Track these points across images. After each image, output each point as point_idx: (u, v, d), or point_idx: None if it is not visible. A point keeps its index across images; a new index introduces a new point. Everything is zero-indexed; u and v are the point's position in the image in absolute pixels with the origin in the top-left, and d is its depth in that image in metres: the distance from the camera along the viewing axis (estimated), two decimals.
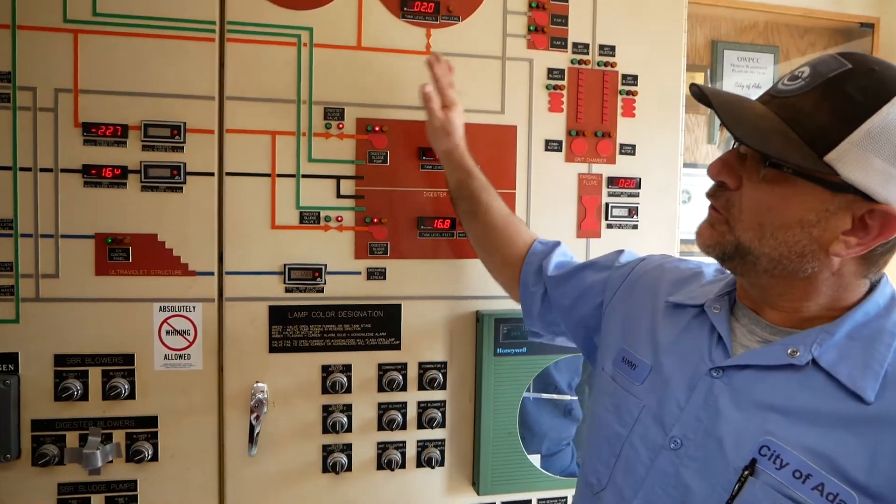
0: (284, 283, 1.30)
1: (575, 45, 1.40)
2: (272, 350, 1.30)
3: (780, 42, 1.94)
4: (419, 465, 1.38)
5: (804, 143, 0.73)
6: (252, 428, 1.26)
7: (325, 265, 1.31)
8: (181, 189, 1.25)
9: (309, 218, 1.30)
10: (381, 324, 1.35)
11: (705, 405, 0.83)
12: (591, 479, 0.96)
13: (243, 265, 1.28)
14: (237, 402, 1.29)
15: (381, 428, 1.35)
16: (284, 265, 1.30)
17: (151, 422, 1.26)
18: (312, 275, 1.31)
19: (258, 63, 1.27)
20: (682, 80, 1.46)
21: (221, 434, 1.29)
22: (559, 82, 1.39)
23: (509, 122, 1.38)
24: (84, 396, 1.24)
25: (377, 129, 1.32)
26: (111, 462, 1.24)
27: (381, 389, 1.35)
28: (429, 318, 1.37)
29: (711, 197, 0.85)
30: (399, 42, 1.32)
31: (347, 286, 1.33)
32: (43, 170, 1.20)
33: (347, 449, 1.34)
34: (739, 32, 1.92)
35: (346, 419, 1.33)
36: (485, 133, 1.36)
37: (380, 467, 1.36)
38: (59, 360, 1.23)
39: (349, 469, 1.34)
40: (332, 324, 1.33)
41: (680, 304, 0.95)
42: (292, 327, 1.31)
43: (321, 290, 1.32)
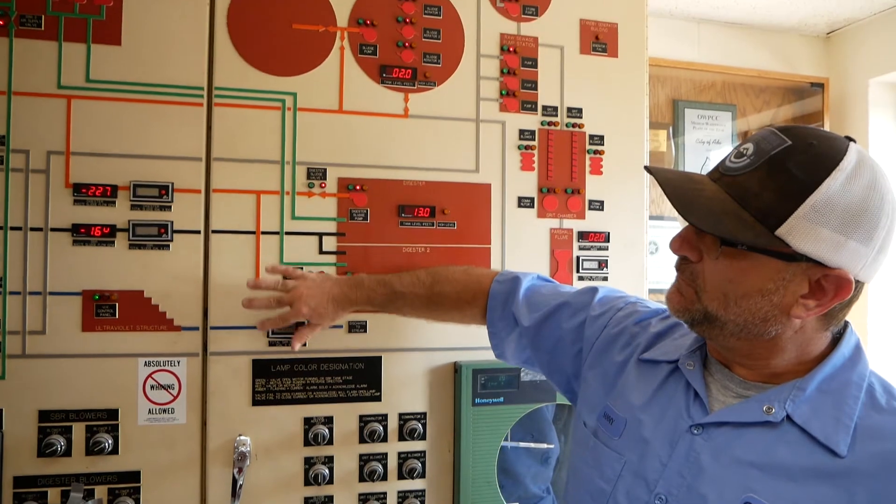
0: (268, 336, 1.34)
1: (544, 107, 1.49)
2: (255, 403, 1.33)
3: (737, 101, 2.06)
4: None
5: (756, 220, 0.78)
6: (235, 481, 1.28)
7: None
8: (168, 247, 1.29)
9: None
10: (362, 376, 1.38)
11: (687, 462, 0.85)
12: None
13: (228, 320, 1.32)
14: (220, 455, 1.31)
15: (362, 479, 1.37)
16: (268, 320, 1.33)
17: (134, 477, 1.28)
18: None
19: (244, 126, 1.33)
20: (646, 140, 1.55)
21: (204, 488, 1.31)
22: (530, 143, 1.47)
23: (484, 181, 1.45)
24: (67, 452, 1.25)
25: (358, 187, 1.38)
26: None
27: (362, 441, 1.38)
28: (408, 369, 1.41)
29: (678, 269, 0.90)
30: (378, 106, 1.40)
31: (329, 339, 1.37)
32: (33, 229, 1.24)
33: (329, 501, 1.36)
34: (699, 92, 2.04)
35: (327, 471, 1.35)
36: (461, 191, 1.43)
37: None
38: (44, 415, 1.24)
39: None
40: (314, 376, 1.36)
41: (654, 360, 0.98)
42: (275, 380, 1.34)
43: (304, 344, 1.35)
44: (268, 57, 1.34)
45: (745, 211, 0.80)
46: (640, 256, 1.54)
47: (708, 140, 2.00)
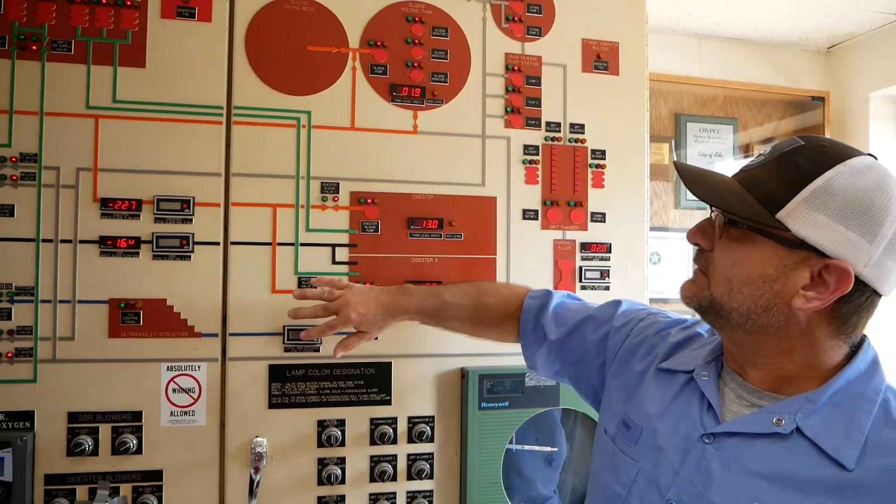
0: (283, 343, 1.40)
1: (548, 123, 1.55)
2: (271, 406, 1.40)
3: (738, 114, 2.11)
4: None
5: (758, 202, 0.83)
6: (252, 480, 1.34)
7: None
8: (189, 257, 1.36)
9: (307, 283, 1.41)
10: (373, 380, 1.45)
11: (698, 470, 0.87)
12: None
13: (245, 327, 1.39)
14: (238, 455, 1.38)
15: (372, 480, 1.43)
16: (284, 327, 1.40)
17: (157, 475, 1.34)
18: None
19: (261, 143, 1.40)
20: (646, 154, 1.61)
21: (222, 487, 1.37)
22: (534, 157, 1.54)
23: (489, 194, 1.51)
24: (95, 451, 1.32)
25: (369, 201, 1.45)
26: None
27: (372, 443, 1.44)
28: (417, 374, 1.47)
29: (695, 261, 0.94)
30: (389, 123, 1.47)
31: None
32: (63, 241, 1.32)
33: (341, 500, 1.42)
34: (701, 106, 2.09)
35: (340, 471, 1.41)
36: (468, 204, 1.49)
37: None
38: (73, 417, 1.31)
39: None
40: (328, 381, 1.42)
41: (671, 370, 1.00)
42: (290, 384, 1.41)
43: (317, 350, 1.42)
44: (283, 77, 1.41)
45: (751, 195, 0.84)
46: (641, 266, 1.60)
47: (710, 153, 2.05)
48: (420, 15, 1.49)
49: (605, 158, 1.58)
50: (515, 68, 1.53)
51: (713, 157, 2.08)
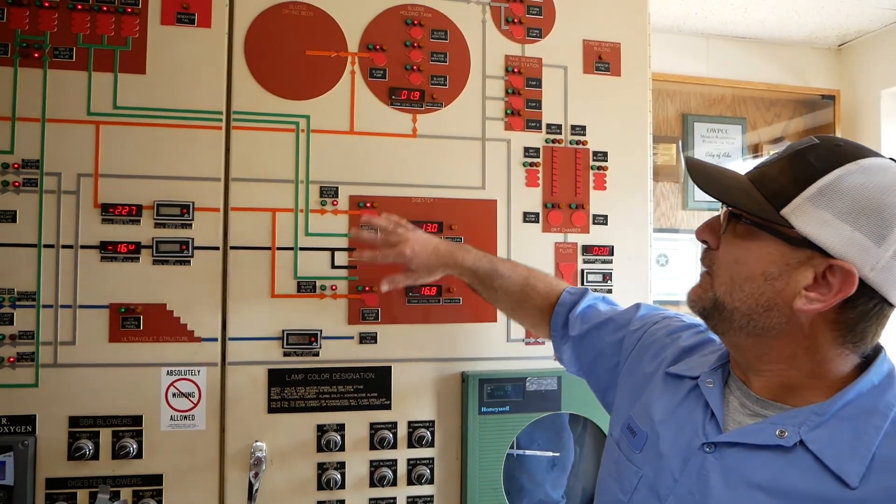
0: (283, 347, 1.40)
1: (548, 125, 1.54)
2: (271, 411, 1.40)
3: (747, 114, 2.09)
4: None
5: (764, 198, 0.82)
6: (251, 485, 1.34)
7: (321, 330, 1.42)
8: (189, 262, 1.37)
9: (306, 287, 1.41)
10: (372, 385, 1.44)
11: (697, 480, 0.85)
12: None
13: (245, 331, 1.39)
14: (237, 460, 1.38)
15: (372, 484, 1.43)
16: (283, 331, 1.40)
17: (157, 480, 1.35)
18: (309, 340, 1.41)
19: (260, 147, 1.41)
20: (649, 155, 1.59)
21: (222, 491, 1.38)
22: (535, 160, 1.52)
23: (490, 197, 1.50)
24: (95, 456, 1.32)
25: (368, 205, 1.44)
26: None
27: (372, 447, 1.43)
28: (417, 379, 1.46)
29: (702, 260, 0.92)
30: (388, 126, 1.46)
31: (341, 350, 1.43)
32: (65, 246, 1.33)
33: None
34: (708, 106, 2.07)
35: (339, 476, 1.41)
36: (467, 207, 1.49)
37: None
38: (74, 421, 1.32)
39: None
40: (327, 385, 1.42)
41: (678, 375, 0.98)
42: (290, 389, 1.41)
43: (317, 354, 1.42)
44: (282, 82, 1.42)
45: (759, 191, 0.83)
46: (644, 269, 1.58)
47: (718, 153, 2.02)
48: (419, 18, 1.48)
49: (607, 160, 1.56)
50: (515, 70, 1.52)
51: (721, 157, 2.05)
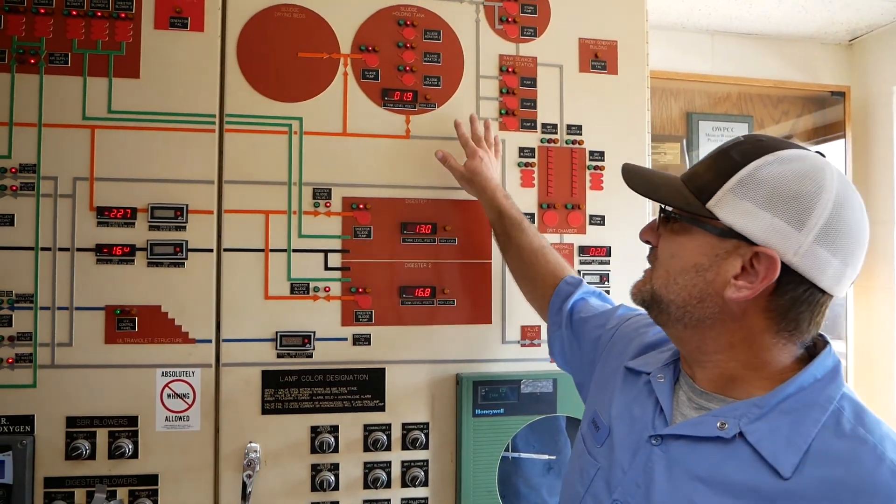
0: (276, 349, 1.41)
1: (544, 125, 1.52)
2: (264, 412, 1.40)
3: (753, 112, 2.05)
4: None
5: (692, 194, 0.86)
6: (244, 486, 1.35)
7: (314, 332, 1.42)
8: (183, 264, 1.38)
9: (299, 289, 1.42)
10: (366, 386, 1.44)
11: (643, 472, 0.88)
12: None
13: (239, 333, 1.40)
14: (231, 460, 1.39)
15: (366, 486, 1.43)
16: (277, 332, 1.41)
17: (152, 480, 1.36)
18: (302, 341, 1.42)
19: (253, 150, 1.41)
20: (648, 154, 1.57)
21: (217, 491, 1.39)
22: (530, 160, 1.51)
23: None
24: (92, 455, 1.34)
25: (361, 206, 1.44)
26: None
27: (366, 449, 1.43)
28: (411, 381, 1.46)
29: (648, 258, 0.96)
30: (381, 128, 1.46)
31: (335, 351, 1.43)
32: (61, 249, 1.35)
33: None
34: (714, 104, 2.03)
35: (333, 478, 1.41)
36: (461, 208, 1.48)
37: None
38: (71, 421, 1.34)
39: None
40: (321, 387, 1.43)
41: (635, 369, 1.01)
42: (283, 390, 1.41)
43: (310, 356, 1.42)
44: (275, 84, 1.42)
45: (687, 188, 0.88)
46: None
47: None
48: (412, 18, 1.48)
49: (603, 160, 1.55)
50: (510, 70, 1.51)
51: None
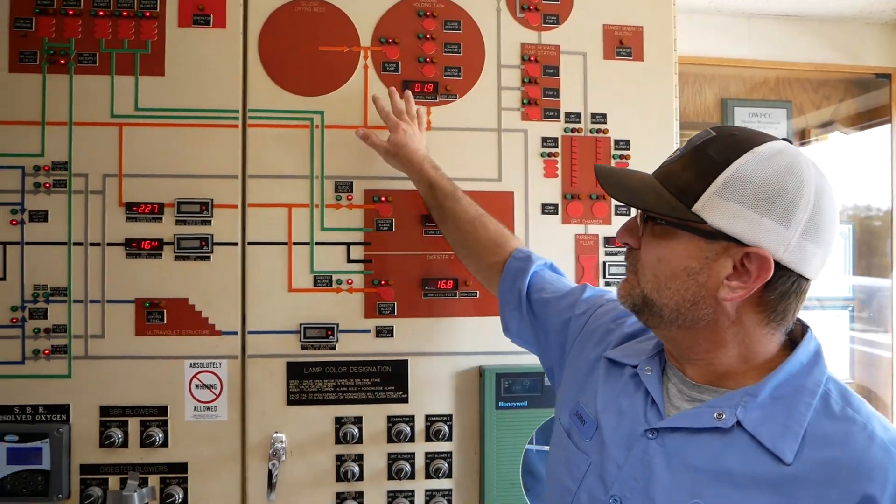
0: (300, 340, 1.43)
1: (567, 114, 1.50)
2: (289, 402, 1.42)
3: (792, 97, 1.98)
4: None
5: (674, 197, 0.84)
6: (270, 475, 1.37)
7: (338, 324, 1.44)
8: (209, 258, 1.40)
9: (322, 281, 1.43)
10: (389, 378, 1.45)
11: (641, 466, 0.87)
12: None
13: (263, 325, 1.42)
14: (259, 450, 1.41)
15: (390, 477, 1.44)
16: (300, 325, 1.43)
17: (182, 468, 1.40)
18: (326, 333, 1.43)
19: (276, 144, 1.43)
20: (676, 142, 1.53)
21: (244, 480, 1.41)
22: (553, 150, 1.49)
23: (506, 189, 1.48)
24: (124, 444, 1.38)
25: (383, 199, 1.45)
26: None
27: (390, 440, 1.44)
28: (434, 373, 1.46)
29: (626, 259, 0.94)
30: None
31: (358, 343, 1.44)
32: (92, 244, 1.39)
33: (359, 497, 1.43)
34: (750, 89, 1.97)
35: (357, 468, 1.42)
36: (483, 199, 1.45)
37: None
38: (104, 410, 1.38)
39: None
40: (344, 378, 1.44)
41: (618, 362, 1.01)
42: (307, 381, 1.43)
43: (333, 347, 1.44)
44: (296, 79, 1.43)
45: (666, 190, 0.85)
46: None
47: None
48: (432, 9, 1.47)
49: (629, 149, 1.52)
50: (532, 59, 1.49)
51: None
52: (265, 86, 1.43)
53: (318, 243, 1.44)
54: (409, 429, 1.44)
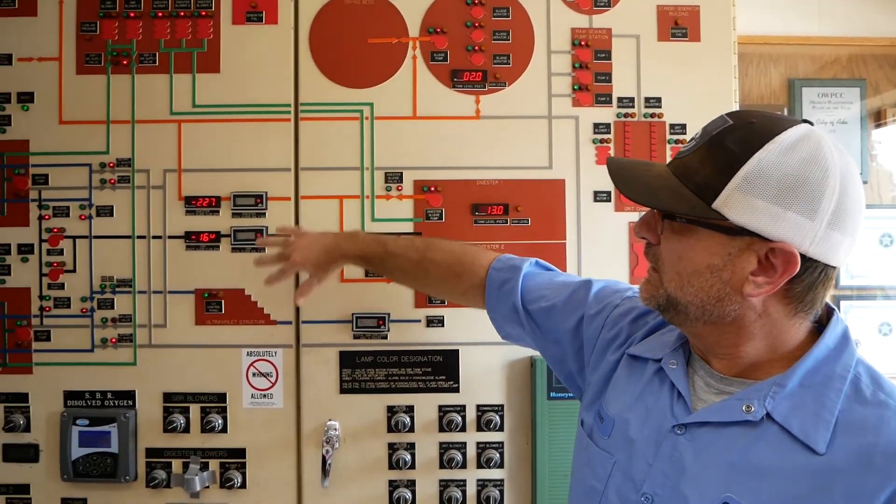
0: (352, 330, 1.45)
1: (620, 99, 1.46)
2: (342, 391, 1.45)
3: (867, 75, 1.86)
4: (479, 503, 1.45)
5: (693, 194, 0.80)
6: (324, 461, 1.40)
7: (389, 314, 1.45)
8: (264, 249, 1.44)
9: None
10: (440, 368, 1.45)
11: (671, 462, 0.85)
12: None
13: (317, 315, 1.45)
14: (313, 437, 1.44)
15: (442, 466, 1.44)
16: (353, 314, 1.45)
17: (241, 453, 1.44)
18: (377, 323, 1.44)
19: (327, 137, 1.45)
20: None
21: (300, 466, 1.45)
22: (605, 136, 1.46)
23: (557, 177, 1.46)
24: (186, 429, 1.44)
25: (433, 189, 1.45)
26: (207, 487, 1.42)
27: (441, 430, 1.44)
28: (485, 362, 1.46)
29: (646, 255, 0.90)
30: (451, 109, 1.46)
31: (409, 333, 1.45)
32: (155, 237, 1.45)
33: (412, 485, 1.44)
34: (820, 69, 1.87)
35: (409, 457, 1.43)
36: (534, 188, 1.45)
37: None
38: (167, 397, 1.44)
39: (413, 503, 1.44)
40: (396, 367, 1.45)
41: (641, 357, 0.97)
42: (360, 370, 1.45)
43: (385, 337, 1.45)
44: (346, 71, 1.45)
45: (685, 187, 0.81)
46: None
47: (831, 120, 1.81)
48: None
49: (685, 133, 1.47)
50: (583, 43, 1.46)
51: (836, 124, 1.84)
52: (316, 79, 1.45)
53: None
54: (460, 418, 1.44)
